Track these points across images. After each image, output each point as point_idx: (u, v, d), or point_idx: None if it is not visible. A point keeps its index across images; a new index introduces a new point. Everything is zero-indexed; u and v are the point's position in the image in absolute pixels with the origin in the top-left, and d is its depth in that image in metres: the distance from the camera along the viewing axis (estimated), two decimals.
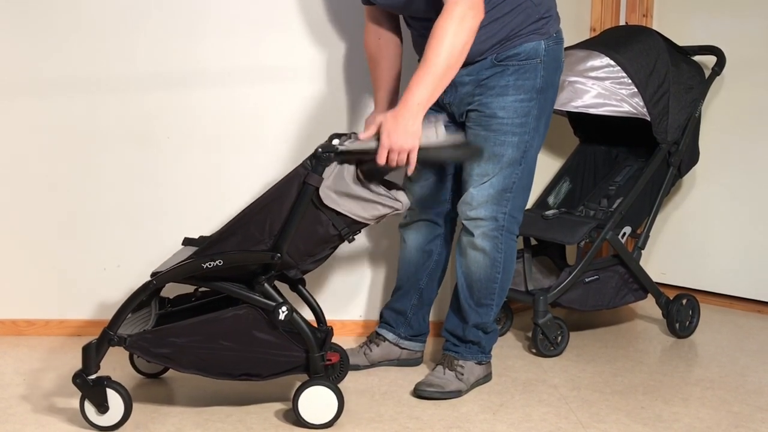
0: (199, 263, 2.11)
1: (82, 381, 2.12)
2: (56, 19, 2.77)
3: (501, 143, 2.27)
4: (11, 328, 2.90)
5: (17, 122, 2.82)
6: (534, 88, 2.27)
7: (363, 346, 2.63)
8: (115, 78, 2.80)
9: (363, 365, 2.60)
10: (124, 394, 2.14)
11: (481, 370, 2.47)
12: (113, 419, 2.13)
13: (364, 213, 2.12)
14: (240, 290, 2.15)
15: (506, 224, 2.34)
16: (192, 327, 2.14)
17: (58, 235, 2.86)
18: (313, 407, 2.14)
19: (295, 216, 2.08)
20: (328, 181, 2.09)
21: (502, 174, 2.29)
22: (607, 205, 2.99)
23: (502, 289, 2.41)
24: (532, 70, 2.26)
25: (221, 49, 2.79)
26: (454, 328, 2.46)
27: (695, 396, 2.43)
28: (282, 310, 2.13)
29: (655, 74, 2.85)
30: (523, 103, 2.26)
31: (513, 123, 2.27)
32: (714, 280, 3.41)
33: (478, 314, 2.41)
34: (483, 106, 2.28)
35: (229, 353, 2.14)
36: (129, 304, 2.16)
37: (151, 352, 2.14)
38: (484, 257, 2.36)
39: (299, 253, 2.14)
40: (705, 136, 3.19)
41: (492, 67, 2.26)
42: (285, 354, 2.15)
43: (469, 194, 2.33)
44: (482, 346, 2.45)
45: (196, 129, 2.83)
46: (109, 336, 2.14)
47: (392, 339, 2.62)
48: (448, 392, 2.37)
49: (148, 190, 2.85)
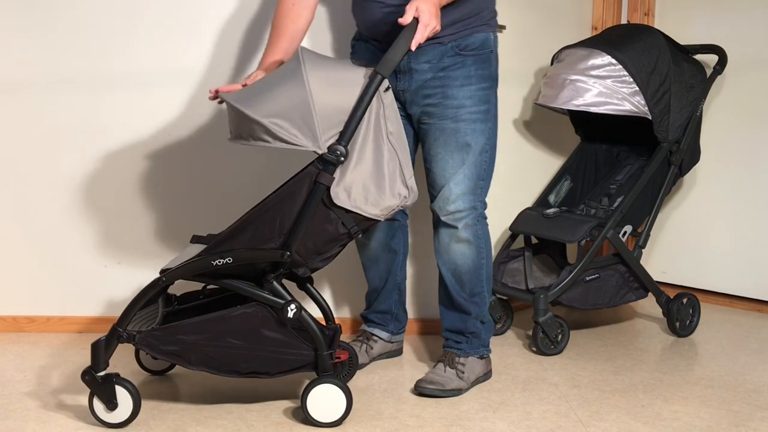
0: (209, 260, 2.11)
1: (91, 378, 2.13)
2: (56, 18, 2.78)
3: (472, 131, 2.33)
4: (12, 324, 2.90)
5: (18, 119, 2.83)
6: (491, 77, 2.37)
7: (362, 344, 2.64)
8: (116, 75, 2.80)
9: (365, 362, 2.62)
10: (133, 391, 2.14)
11: (482, 367, 2.48)
12: (122, 416, 2.14)
13: (375, 209, 2.11)
14: (249, 288, 2.15)
15: (481, 211, 2.42)
16: (201, 325, 2.14)
17: (58, 232, 2.86)
18: (321, 405, 2.14)
19: (306, 214, 2.07)
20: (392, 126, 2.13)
21: (474, 163, 2.35)
22: (608, 204, 2.99)
23: (488, 275, 2.46)
24: (487, 59, 2.35)
25: (222, 47, 2.79)
26: (453, 324, 2.48)
27: (695, 395, 2.43)
28: (291, 308, 2.13)
29: (656, 73, 2.85)
30: (485, 91, 2.35)
31: (479, 111, 2.33)
32: (714, 279, 3.41)
33: (476, 304, 2.44)
34: (448, 98, 2.32)
35: (238, 351, 2.14)
36: (138, 300, 2.16)
37: (160, 349, 2.14)
38: (469, 248, 2.40)
39: (308, 252, 2.13)
40: (706, 135, 3.19)
41: (453, 56, 2.31)
42: (293, 352, 2.15)
43: (447, 189, 2.36)
44: (482, 339, 2.48)
45: (198, 126, 2.83)
46: (118, 333, 2.14)
47: (386, 337, 2.67)
48: (448, 390, 2.38)
49: (149, 187, 2.85)
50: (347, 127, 2.05)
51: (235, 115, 2.06)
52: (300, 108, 1.99)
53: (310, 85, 2.01)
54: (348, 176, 2.08)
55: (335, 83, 2.05)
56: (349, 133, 2.04)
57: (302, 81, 2.01)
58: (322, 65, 2.08)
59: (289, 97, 2.00)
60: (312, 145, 2.02)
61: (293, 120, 2.00)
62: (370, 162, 2.10)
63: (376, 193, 2.11)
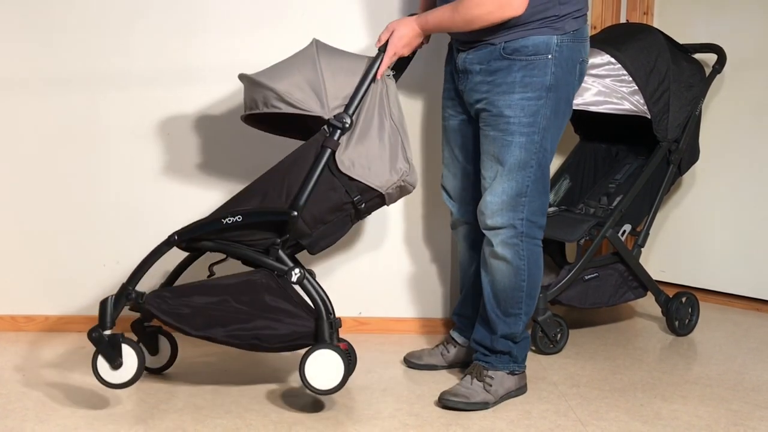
0: (219, 218, 2.21)
1: (98, 336, 2.15)
2: (56, 17, 2.77)
3: (508, 144, 2.21)
4: (11, 323, 2.90)
5: (17, 119, 2.82)
6: (543, 86, 2.18)
7: (440, 346, 2.61)
8: (116, 74, 2.80)
9: (440, 365, 2.58)
10: (139, 351, 2.17)
11: (514, 382, 2.36)
12: (126, 376, 2.16)
13: (377, 181, 2.22)
14: (255, 254, 2.24)
15: (525, 230, 2.27)
16: (207, 288, 2.21)
17: (57, 232, 2.86)
18: (319, 372, 2.15)
19: (312, 175, 2.19)
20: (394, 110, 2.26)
21: (513, 178, 2.23)
22: (607, 203, 2.99)
23: (529, 297, 2.32)
24: (541, 66, 2.18)
25: (222, 46, 2.79)
26: (482, 339, 2.39)
27: (694, 394, 2.43)
28: (295, 272, 2.21)
29: (655, 72, 2.85)
30: (530, 101, 2.19)
31: (521, 122, 2.20)
32: (713, 278, 3.41)
33: (507, 324, 2.33)
34: (490, 105, 2.23)
35: (241, 315, 2.17)
36: (149, 259, 2.25)
37: (164, 310, 2.17)
38: (506, 266, 2.29)
39: (313, 219, 2.23)
40: (705, 134, 3.19)
41: (500, 59, 2.20)
42: (295, 322, 2.18)
43: (483, 202, 2.28)
44: (513, 356, 2.36)
45: (197, 125, 2.83)
46: (127, 291, 2.20)
47: (462, 342, 2.58)
48: (473, 403, 2.27)
49: (147, 187, 2.85)
50: (353, 99, 2.22)
51: (251, 87, 2.26)
52: (311, 82, 2.21)
53: (321, 68, 2.22)
54: (353, 147, 2.22)
55: (343, 69, 2.24)
56: (354, 104, 2.22)
57: (315, 65, 2.22)
58: (334, 54, 2.29)
59: (301, 73, 2.22)
60: (320, 111, 2.20)
61: (304, 90, 2.20)
62: (375, 137, 2.24)
63: (378, 166, 2.23)
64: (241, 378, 2.49)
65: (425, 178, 2.87)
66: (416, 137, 2.85)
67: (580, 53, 2.25)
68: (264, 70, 2.28)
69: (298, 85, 2.20)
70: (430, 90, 2.80)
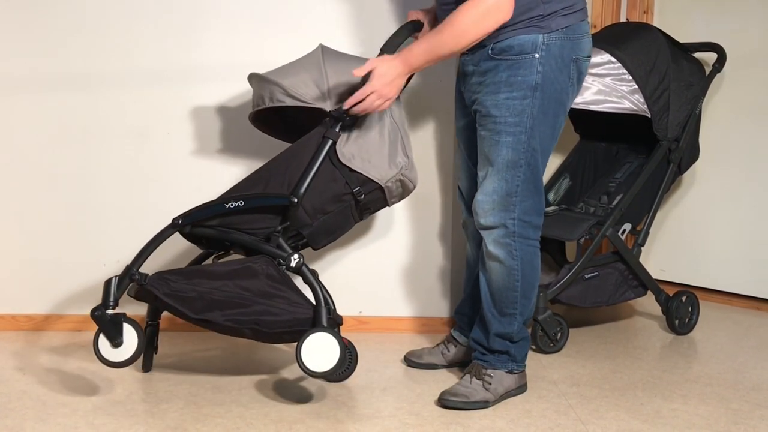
0: (222, 203, 2.28)
1: (101, 314, 2.19)
2: (56, 16, 2.77)
3: (496, 143, 2.21)
4: (11, 323, 2.90)
5: (17, 118, 2.82)
6: (529, 86, 2.16)
7: (440, 345, 2.61)
8: (115, 74, 2.80)
9: (440, 364, 2.58)
10: (139, 331, 2.21)
11: (513, 381, 2.36)
12: (125, 354, 2.20)
13: (376, 173, 2.29)
14: (256, 241, 2.29)
15: (517, 230, 2.26)
16: (209, 272, 2.24)
17: (57, 231, 2.86)
18: (314, 354, 2.15)
19: (313, 164, 2.26)
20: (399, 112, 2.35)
21: (503, 178, 2.23)
22: (607, 202, 2.99)
23: (524, 298, 2.31)
24: (527, 66, 2.16)
25: (222, 45, 2.79)
26: (479, 338, 2.39)
27: (694, 393, 2.43)
28: (294, 257, 2.25)
29: (655, 71, 2.85)
30: (515, 101, 2.17)
31: (507, 122, 2.19)
32: (713, 277, 3.41)
33: (501, 324, 2.33)
34: (480, 105, 2.25)
35: (241, 300, 2.20)
36: (153, 243, 2.29)
37: (166, 292, 2.20)
38: (500, 266, 2.29)
39: (314, 209, 2.30)
40: (705, 133, 3.19)
41: (489, 60, 2.20)
42: (295, 309, 2.20)
43: (475, 201, 2.29)
44: (512, 355, 2.36)
45: (197, 124, 2.83)
46: (131, 272, 2.23)
47: (463, 341, 2.57)
48: (473, 402, 2.27)
49: (147, 186, 2.85)
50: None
51: (259, 84, 2.36)
52: (316, 80, 2.31)
53: (325, 69, 2.32)
54: (353, 140, 2.30)
55: (346, 71, 2.28)
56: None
57: (320, 67, 2.33)
58: (338, 58, 2.38)
59: (307, 72, 2.32)
60: (322, 104, 2.30)
61: (308, 85, 2.30)
62: (375, 132, 2.32)
63: (378, 159, 2.31)
64: (241, 376, 2.49)
65: (425, 178, 2.86)
66: (426, 138, 2.87)
67: (574, 51, 2.21)
68: (272, 70, 2.37)
69: (303, 82, 2.30)
70: (445, 92, 2.80)
